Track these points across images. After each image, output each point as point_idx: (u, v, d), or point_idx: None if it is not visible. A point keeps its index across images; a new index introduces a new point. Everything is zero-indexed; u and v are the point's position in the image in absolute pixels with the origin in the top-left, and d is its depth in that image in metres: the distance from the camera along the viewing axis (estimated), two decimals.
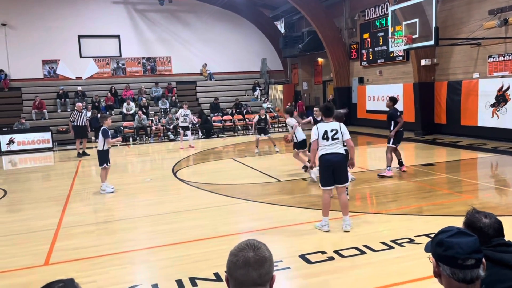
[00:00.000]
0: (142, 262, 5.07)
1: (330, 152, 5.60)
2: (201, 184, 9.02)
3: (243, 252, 1.50)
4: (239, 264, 1.48)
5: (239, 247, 1.53)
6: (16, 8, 20.16)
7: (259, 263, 1.48)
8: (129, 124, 19.06)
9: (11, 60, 20.18)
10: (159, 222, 6.62)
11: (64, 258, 5.13)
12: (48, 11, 20.68)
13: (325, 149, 5.62)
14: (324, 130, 5.63)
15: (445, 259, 1.61)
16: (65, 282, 1.50)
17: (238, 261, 1.48)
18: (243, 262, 1.47)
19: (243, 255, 1.49)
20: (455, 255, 1.59)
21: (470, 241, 1.62)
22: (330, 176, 5.64)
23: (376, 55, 17.93)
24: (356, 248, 4.90)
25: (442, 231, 1.71)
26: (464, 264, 1.57)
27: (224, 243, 5.44)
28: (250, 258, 1.48)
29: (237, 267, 1.48)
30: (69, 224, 6.59)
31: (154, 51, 22.72)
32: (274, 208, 6.97)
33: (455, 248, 1.59)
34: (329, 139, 5.59)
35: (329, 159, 5.60)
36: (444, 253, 1.62)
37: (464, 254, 1.58)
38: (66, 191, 8.97)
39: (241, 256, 1.48)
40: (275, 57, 24.80)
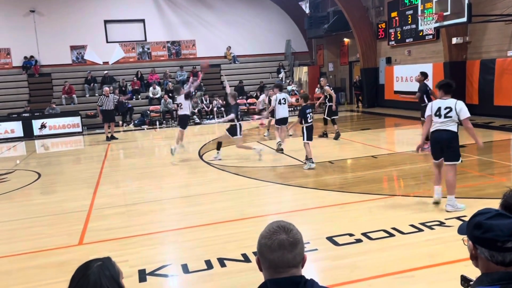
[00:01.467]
0: (171, 243, 5.18)
1: (440, 129, 5.54)
2: (228, 167, 9.08)
3: (277, 235, 1.49)
4: (274, 246, 1.47)
5: (271, 229, 1.52)
6: None
7: (293, 245, 1.48)
8: (155, 108, 19.28)
9: (41, 46, 20.64)
10: (187, 204, 6.73)
11: (97, 238, 5.30)
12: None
13: (436, 126, 5.60)
14: (438, 107, 5.58)
15: (483, 242, 1.57)
16: (103, 260, 1.55)
17: (273, 244, 1.47)
18: (278, 245, 1.47)
19: (277, 238, 1.48)
20: (494, 237, 1.54)
21: (509, 223, 1.56)
22: (438, 152, 5.66)
23: (404, 34, 17.41)
24: (385, 231, 4.85)
25: (479, 213, 1.65)
26: (504, 246, 1.52)
27: (251, 225, 5.49)
28: (284, 241, 1.47)
29: (272, 250, 1.47)
30: (101, 205, 6.78)
31: (178, 35, 22.76)
32: (301, 191, 6.96)
33: (495, 231, 1.54)
34: (442, 117, 5.53)
35: (437, 136, 5.59)
36: (482, 236, 1.57)
37: (504, 236, 1.53)
38: (96, 174, 9.20)
39: (275, 239, 1.48)
40: (300, 38, 24.43)
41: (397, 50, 18.11)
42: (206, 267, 4.23)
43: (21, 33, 20.27)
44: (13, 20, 20.18)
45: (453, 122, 5.50)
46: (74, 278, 1.48)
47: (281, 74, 22.95)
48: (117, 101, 17.73)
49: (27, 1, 20.25)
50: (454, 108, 5.51)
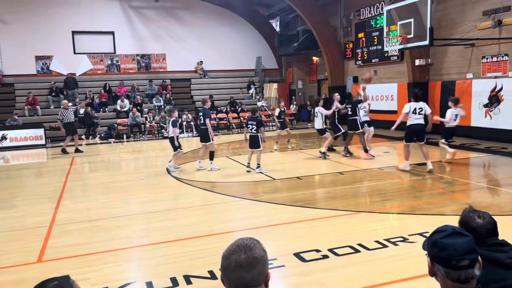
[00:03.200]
0: (136, 260, 5.06)
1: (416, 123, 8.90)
2: (196, 182, 9.00)
3: (235, 255, 1.47)
4: (231, 267, 1.46)
5: (231, 249, 1.50)
6: (10, 3, 19.96)
7: (251, 266, 1.46)
8: (123, 121, 18.97)
9: (4, 56, 20.00)
10: (153, 219, 6.60)
11: (58, 255, 5.10)
12: (43, 6, 20.50)
13: (412, 121, 8.90)
14: (414, 108, 8.83)
15: (439, 260, 1.62)
16: (60, 279, 1.48)
17: (230, 265, 1.46)
18: (235, 266, 1.45)
19: (235, 258, 1.46)
20: (448, 256, 1.59)
21: (464, 241, 1.62)
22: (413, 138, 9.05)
23: (370, 54, 17.99)
24: (351, 247, 4.91)
25: (436, 231, 1.71)
26: (458, 265, 1.57)
27: (219, 241, 5.44)
28: (242, 262, 1.45)
29: (230, 270, 1.46)
30: (63, 221, 6.55)
31: (148, 48, 22.62)
32: (269, 206, 6.97)
33: (449, 250, 1.59)
34: (417, 114, 8.83)
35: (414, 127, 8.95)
36: (438, 254, 1.62)
37: (458, 255, 1.58)
38: (59, 188, 8.91)
39: (233, 260, 1.46)
40: (270, 56, 24.79)
41: (363, 69, 18.65)
42: (171, 285, 4.15)
43: None
44: None
45: (423, 116, 8.83)
46: None
47: (251, 90, 23.15)
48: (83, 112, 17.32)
49: None
50: (424, 108, 8.83)
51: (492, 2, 12.28)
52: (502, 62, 12.23)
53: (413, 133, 8.95)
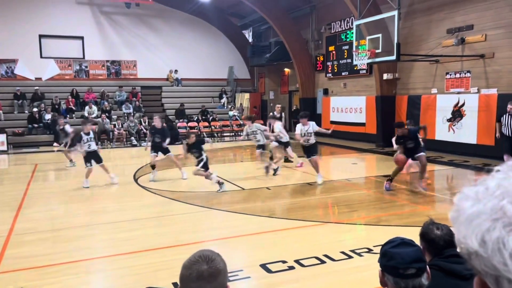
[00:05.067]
0: (99, 271, 4.91)
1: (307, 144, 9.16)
2: (164, 192, 8.86)
3: (197, 265, 1.45)
4: (193, 277, 1.44)
5: (192, 259, 1.49)
6: None
7: (212, 276, 1.45)
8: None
9: None
10: (118, 229, 6.43)
11: (14, 266, 4.88)
12: (8, 8, 19.88)
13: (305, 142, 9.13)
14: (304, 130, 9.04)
15: (388, 269, 1.67)
16: None
17: (192, 275, 1.44)
18: (197, 276, 1.43)
19: (197, 268, 1.45)
20: (396, 265, 1.64)
21: (410, 251, 1.67)
22: None
23: (340, 67, 18.35)
24: (317, 258, 4.94)
25: (387, 242, 1.77)
26: (405, 273, 1.62)
27: (185, 252, 5.31)
28: (204, 272, 1.44)
29: (190, 281, 1.44)
30: (21, 231, 6.29)
31: (119, 55, 22.27)
32: (237, 217, 6.94)
33: (396, 258, 1.65)
34: (305, 135, 9.04)
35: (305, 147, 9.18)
36: (387, 263, 1.67)
37: (404, 264, 1.63)
38: (20, 196, 8.57)
39: (195, 270, 1.44)
40: (243, 66, 24.90)
41: (333, 82, 19.00)
42: None
43: None
44: None
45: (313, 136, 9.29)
46: None
47: (223, 99, 23.13)
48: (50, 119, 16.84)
49: None
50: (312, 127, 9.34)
51: (456, 21, 12.80)
52: (464, 78, 12.72)
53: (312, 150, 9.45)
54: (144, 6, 21.50)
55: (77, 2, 21.23)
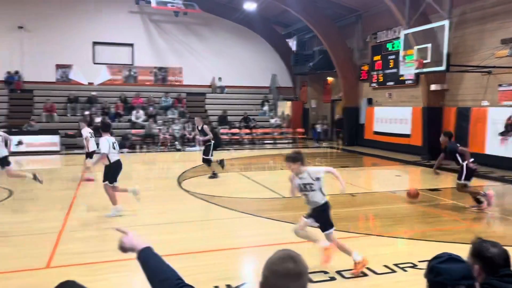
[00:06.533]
0: (142, 272, 5.05)
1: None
2: (205, 196, 9.01)
3: (285, 264, 1.48)
4: (280, 274, 1.47)
5: (280, 257, 1.52)
6: (34, 12, 20.54)
7: (299, 275, 1.48)
8: (137, 132, 19.17)
9: (25, 63, 20.49)
10: (161, 231, 6.62)
11: (66, 262, 5.14)
12: (65, 16, 21.05)
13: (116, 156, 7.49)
14: (112, 142, 7.38)
15: (436, 285, 1.64)
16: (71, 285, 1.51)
17: (279, 272, 1.47)
18: (284, 273, 1.46)
19: (285, 266, 1.48)
20: (444, 281, 1.60)
21: (460, 267, 1.63)
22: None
23: (386, 77, 18.00)
24: None
25: (435, 257, 1.73)
26: None
27: (224, 257, 5.44)
28: (291, 270, 1.47)
29: (277, 278, 1.47)
30: (72, 228, 6.61)
31: (166, 61, 22.98)
32: (277, 224, 6.95)
33: (444, 274, 1.61)
34: (115, 148, 7.50)
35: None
36: (434, 279, 1.64)
37: (453, 280, 1.59)
38: (71, 195, 9.00)
39: (283, 267, 1.47)
40: (285, 74, 24.98)
41: (378, 92, 18.66)
42: None
43: (7, 48, 20.12)
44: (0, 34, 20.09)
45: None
46: None
47: (265, 107, 23.28)
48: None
49: (16, 17, 20.24)
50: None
51: (511, 31, 12.25)
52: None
53: (120, 170, 7.68)
54: (192, 14, 22.09)
55: (129, 11, 22.15)
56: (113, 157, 7.45)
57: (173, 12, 21.35)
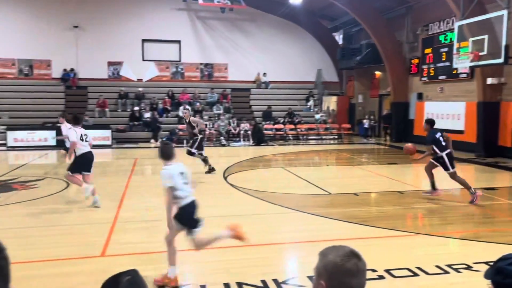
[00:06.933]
0: (191, 263, 5.19)
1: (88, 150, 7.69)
2: (251, 191, 9.08)
3: (351, 260, 1.48)
4: (353, 272, 1.47)
5: (345, 253, 1.51)
6: (88, 12, 21.49)
7: (362, 272, 1.49)
8: (184, 127, 19.58)
9: (80, 61, 21.51)
10: (208, 224, 6.70)
11: (119, 251, 5.36)
12: (116, 15, 21.87)
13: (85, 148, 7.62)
14: (80, 134, 7.58)
15: (504, 287, 1.56)
16: (132, 274, 1.56)
17: (352, 269, 1.47)
18: (357, 270, 1.47)
19: (352, 263, 1.48)
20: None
21: None
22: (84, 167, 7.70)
23: (437, 71, 17.29)
24: (408, 269, 4.72)
25: (502, 258, 1.65)
26: None
27: (271, 251, 5.46)
28: (357, 267, 1.48)
29: (344, 275, 1.46)
30: (124, 219, 6.88)
31: (212, 58, 23.32)
32: (324, 221, 6.88)
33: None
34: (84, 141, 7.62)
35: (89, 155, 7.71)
36: (503, 281, 1.56)
37: None
38: (122, 188, 9.37)
39: (350, 264, 1.47)
40: (331, 68, 24.61)
41: (429, 86, 17.96)
42: None
43: (63, 47, 21.22)
44: (57, 34, 21.19)
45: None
46: None
47: (310, 102, 23.08)
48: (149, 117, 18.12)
49: (72, 17, 21.27)
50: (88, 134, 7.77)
51: None
52: None
53: (86, 163, 7.66)
54: (238, 10, 22.25)
55: (177, 8, 22.65)
56: (80, 149, 7.63)
57: (220, 9, 21.59)
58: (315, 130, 21.17)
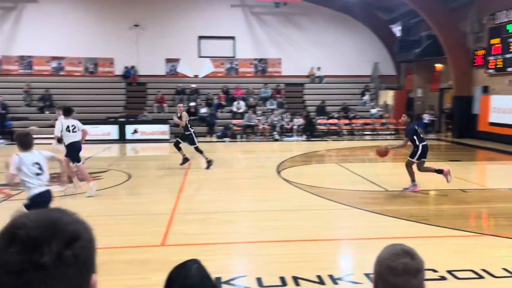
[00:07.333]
0: (246, 255, 5.27)
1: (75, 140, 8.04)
2: (305, 186, 9.04)
3: (402, 259, 1.42)
4: (398, 271, 1.40)
5: (394, 252, 1.45)
6: (147, 11, 22.30)
7: (418, 271, 1.42)
8: (238, 122, 19.87)
9: (140, 58, 22.41)
10: (263, 218, 6.80)
11: (178, 241, 5.56)
12: (174, 13, 22.52)
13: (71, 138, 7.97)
14: (67, 125, 7.94)
15: None
16: (197, 262, 1.63)
17: (397, 268, 1.41)
18: (403, 270, 1.40)
19: (403, 262, 1.41)
20: None
21: None
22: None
23: (506, 62, 16.18)
24: (473, 271, 4.49)
25: None
26: None
27: (327, 247, 5.42)
28: (409, 265, 1.41)
29: (395, 274, 1.41)
30: (182, 211, 7.11)
31: (266, 53, 23.38)
32: (380, 218, 6.71)
33: None
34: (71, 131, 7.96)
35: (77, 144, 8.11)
36: None
37: None
38: (180, 180, 9.68)
39: (400, 263, 1.41)
40: (388, 62, 23.82)
41: (496, 79, 16.87)
42: (280, 284, 4.24)
43: (125, 45, 22.20)
44: (119, 33, 22.19)
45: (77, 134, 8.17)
46: (175, 279, 1.53)
47: (366, 96, 22.50)
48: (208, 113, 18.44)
49: (133, 16, 22.18)
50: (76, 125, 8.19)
51: None
52: None
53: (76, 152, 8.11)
54: (292, 4, 22.11)
55: (231, 5, 22.92)
56: (66, 139, 8.03)
57: (274, 4, 21.57)
58: (370, 125, 20.63)
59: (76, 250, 0.81)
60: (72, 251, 0.80)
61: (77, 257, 0.80)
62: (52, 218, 0.83)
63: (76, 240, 0.82)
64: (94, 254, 0.88)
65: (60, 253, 0.79)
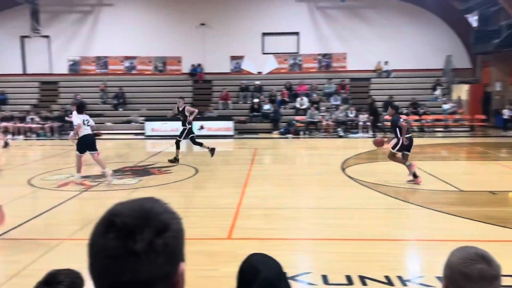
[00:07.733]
0: (311, 252, 5.24)
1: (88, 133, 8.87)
2: (371, 184, 8.78)
3: (477, 265, 1.33)
4: (474, 277, 1.32)
5: (468, 256, 1.36)
6: (213, 10, 22.84)
7: (495, 278, 1.33)
8: (301, 118, 19.74)
9: (206, 56, 23.02)
10: (327, 215, 6.72)
11: (243, 235, 5.66)
12: (239, 11, 22.86)
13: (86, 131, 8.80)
14: (83, 119, 8.76)
15: None
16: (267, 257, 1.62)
17: (473, 273, 1.32)
18: (478, 276, 1.32)
19: (478, 268, 1.33)
20: None
21: None
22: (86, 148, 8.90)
23: None
24: None
25: None
26: None
27: (395, 248, 5.25)
28: (485, 272, 1.32)
29: (471, 281, 1.33)
30: (247, 205, 7.22)
31: (330, 48, 22.99)
32: (454, 220, 6.34)
33: None
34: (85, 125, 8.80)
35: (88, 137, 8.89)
36: None
37: None
38: (244, 176, 9.83)
39: (475, 269, 1.32)
40: (463, 54, 22.38)
41: None
42: (346, 282, 4.17)
43: (192, 44, 22.92)
44: (186, 32, 22.95)
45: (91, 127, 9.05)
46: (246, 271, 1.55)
47: (437, 91, 21.35)
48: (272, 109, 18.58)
49: (199, 16, 22.83)
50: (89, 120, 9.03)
51: None
52: None
53: (87, 144, 8.88)
54: None
55: (296, 0, 22.79)
56: (82, 132, 8.82)
57: None
58: (442, 121, 19.54)
59: (166, 239, 0.85)
60: (163, 240, 0.84)
61: (167, 246, 0.84)
62: (145, 208, 0.88)
63: (167, 230, 0.86)
64: (182, 244, 0.91)
65: (151, 241, 0.83)
